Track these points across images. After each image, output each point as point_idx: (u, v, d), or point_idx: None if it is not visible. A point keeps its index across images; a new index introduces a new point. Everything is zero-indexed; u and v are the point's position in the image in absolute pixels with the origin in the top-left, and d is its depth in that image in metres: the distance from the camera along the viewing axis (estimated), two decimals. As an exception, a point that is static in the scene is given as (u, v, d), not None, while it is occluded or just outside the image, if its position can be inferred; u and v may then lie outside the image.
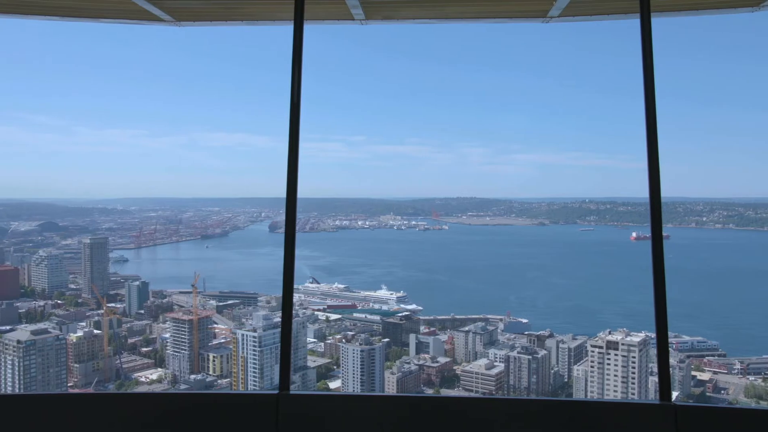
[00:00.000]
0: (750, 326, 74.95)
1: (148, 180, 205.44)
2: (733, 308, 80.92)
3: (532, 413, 4.78)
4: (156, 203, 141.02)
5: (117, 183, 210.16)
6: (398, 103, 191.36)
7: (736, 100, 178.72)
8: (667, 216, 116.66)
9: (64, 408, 4.78)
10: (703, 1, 5.76)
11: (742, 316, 78.16)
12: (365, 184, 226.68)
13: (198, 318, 70.28)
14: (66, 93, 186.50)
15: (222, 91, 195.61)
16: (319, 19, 6.10)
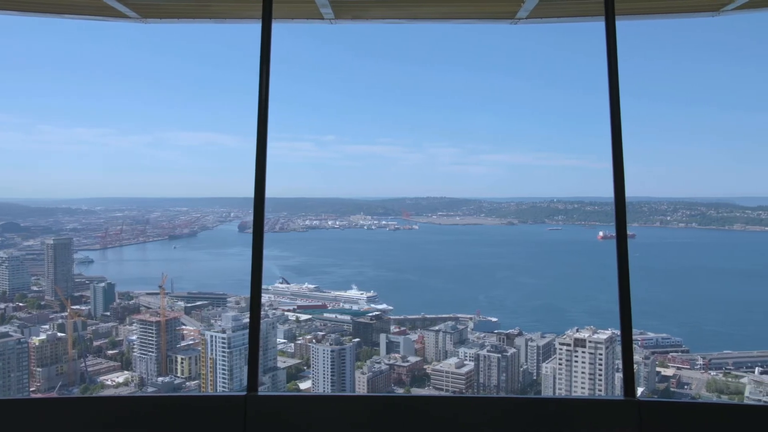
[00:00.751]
0: (712, 323, 76.86)
1: (114, 179, 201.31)
2: (695, 305, 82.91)
3: (501, 411, 4.83)
4: (122, 203, 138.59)
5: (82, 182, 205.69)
6: (369, 103, 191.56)
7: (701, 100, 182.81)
8: (632, 215, 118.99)
9: (26, 413, 4.67)
10: (665, 6, 5.90)
11: (704, 313, 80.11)
12: (335, 184, 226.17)
13: (166, 319, 69.26)
14: (29, 91, 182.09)
15: (190, 89, 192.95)
16: (287, 17, 6.06)
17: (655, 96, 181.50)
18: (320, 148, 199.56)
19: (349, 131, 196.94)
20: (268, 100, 4.99)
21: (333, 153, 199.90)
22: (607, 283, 73.70)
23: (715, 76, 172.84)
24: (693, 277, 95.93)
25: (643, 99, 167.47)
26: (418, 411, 4.84)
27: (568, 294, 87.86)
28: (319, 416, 4.77)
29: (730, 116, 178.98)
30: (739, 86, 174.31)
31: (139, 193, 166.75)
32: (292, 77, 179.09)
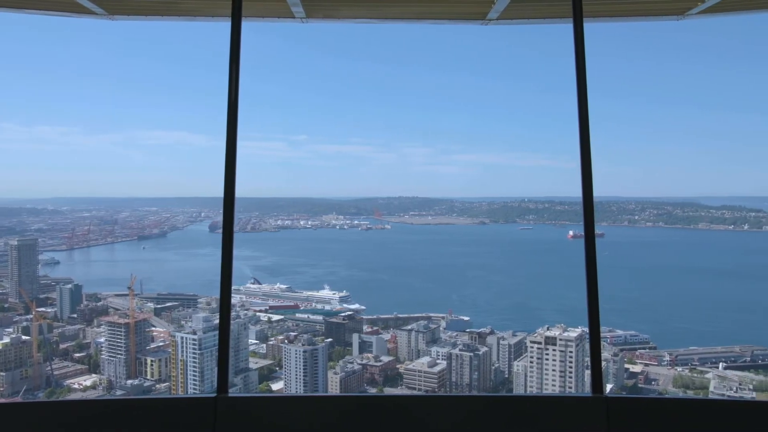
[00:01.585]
0: (678, 320, 78.45)
1: (81, 179, 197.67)
2: (662, 303, 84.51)
3: (473, 410, 4.87)
4: (89, 203, 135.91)
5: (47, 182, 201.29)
6: (340, 103, 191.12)
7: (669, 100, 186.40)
8: (601, 215, 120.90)
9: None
10: (631, 9, 6.03)
11: (670, 311, 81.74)
12: (307, 184, 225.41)
13: (135, 321, 68.20)
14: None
15: (159, 88, 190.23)
16: (258, 16, 6.02)
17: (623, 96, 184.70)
18: (292, 148, 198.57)
19: (320, 131, 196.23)
20: (237, 100, 4.96)
21: (305, 153, 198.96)
22: (575, 281, 74.82)
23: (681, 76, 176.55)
24: (660, 275, 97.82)
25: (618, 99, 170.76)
26: (391, 411, 4.86)
27: (539, 292, 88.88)
28: (290, 417, 4.75)
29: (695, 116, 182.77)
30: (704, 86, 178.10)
31: (107, 192, 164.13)
32: (263, 76, 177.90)
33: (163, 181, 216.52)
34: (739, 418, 4.86)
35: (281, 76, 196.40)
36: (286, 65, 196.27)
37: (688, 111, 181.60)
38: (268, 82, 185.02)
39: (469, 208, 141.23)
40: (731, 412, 4.94)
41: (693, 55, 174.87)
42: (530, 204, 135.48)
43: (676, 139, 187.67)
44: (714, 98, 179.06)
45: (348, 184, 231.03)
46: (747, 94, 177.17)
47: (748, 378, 62.53)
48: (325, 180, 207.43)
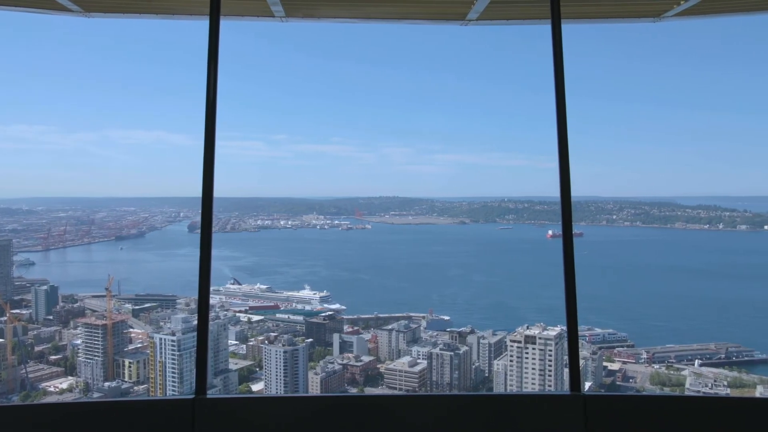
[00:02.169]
0: (655, 318, 79.51)
1: (57, 178, 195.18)
2: (640, 301, 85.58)
3: (454, 409, 4.88)
4: (66, 203, 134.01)
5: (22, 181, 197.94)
6: (320, 102, 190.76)
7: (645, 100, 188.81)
8: (580, 214, 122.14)
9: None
10: (608, 11, 6.09)
11: (647, 309, 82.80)
12: (287, 184, 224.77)
13: (112, 322, 67.36)
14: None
15: (137, 87, 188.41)
16: (237, 14, 5.98)
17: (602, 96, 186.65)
18: (271, 148, 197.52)
19: (300, 130, 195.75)
20: (216, 99, 4.91)
21: (285, 152, 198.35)
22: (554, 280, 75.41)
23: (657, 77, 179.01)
24: (638, 273, 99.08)
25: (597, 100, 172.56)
26: (372, 411, 4.85)
27: (519, 292, 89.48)
28: (270, 418, 4.72)
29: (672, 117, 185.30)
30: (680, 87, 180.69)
31: (84, 192, 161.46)
32: (242, 76, 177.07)
33: (142, 181, 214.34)
34: (715, 414, 4.93)
35: (261, 75, 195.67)
36: (266, 65, 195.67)
37: (665, 111, 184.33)
38: (248, 81, 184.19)
39: (450, 208, 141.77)
40: (707, 409, 5.01)
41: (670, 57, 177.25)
42: (510, 204, 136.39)
43: (653, 140, 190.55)
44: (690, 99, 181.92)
45: (328, 184, 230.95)
46: (723, 95, 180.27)
47: (722, 375, 63.61)
48: (305, 180, 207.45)
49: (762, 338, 70.87)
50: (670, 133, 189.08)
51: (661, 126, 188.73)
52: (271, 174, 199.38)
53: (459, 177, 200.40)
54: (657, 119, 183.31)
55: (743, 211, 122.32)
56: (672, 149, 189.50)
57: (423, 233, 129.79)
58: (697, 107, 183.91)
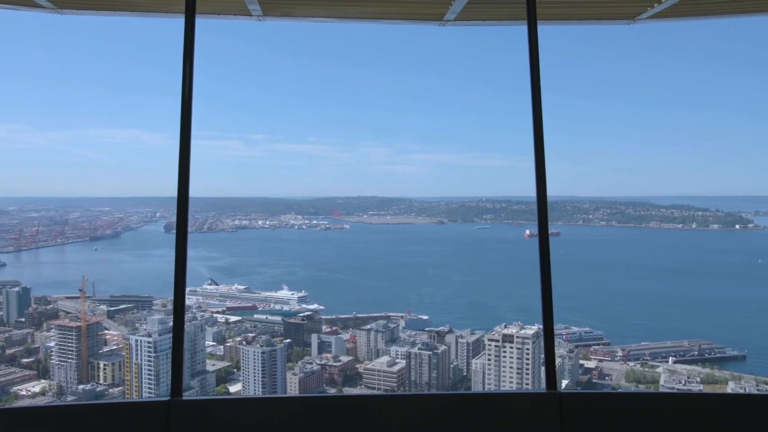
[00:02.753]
0: (630, 316, 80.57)
1: (29, 178, 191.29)
2: (615, 300, 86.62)
3: (432, 408, 4.91)
4: (38, 203, 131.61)
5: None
6: (298, 102, 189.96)
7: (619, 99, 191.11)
8: (557, 214, 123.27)
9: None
10: (584, 13, 6.18)
11: (622, 307, 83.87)
12: (265, 183, 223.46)
13: (87, 324, 66.32)
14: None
15: (111, 85, 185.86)
16: (213, 13, 5.93)
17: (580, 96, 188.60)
18: (249, 147, 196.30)
19: (278, 130, 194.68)
20: (191, 98, 4.87)
21: (262, 152, 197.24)
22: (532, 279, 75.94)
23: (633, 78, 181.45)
24: (613, 272, 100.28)
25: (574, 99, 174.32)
26: (350, 410, 4.85)
27: (497, 291, 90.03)
28: (248, 419, 4.69)
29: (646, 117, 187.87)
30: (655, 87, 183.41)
31: (57, 192, 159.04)
32: (220, 76, 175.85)
33: (117, 181, 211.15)
34: (687, 410, 5.02)
35: (238, 75, 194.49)
36: (243, 64, 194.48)
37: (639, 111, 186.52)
38: (225, 81, 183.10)
39: (428, 208, 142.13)
40: (680, 405, 5.10)
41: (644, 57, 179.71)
42: (488, 204, 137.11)
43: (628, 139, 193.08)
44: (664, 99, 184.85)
45: (306, 184, 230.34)
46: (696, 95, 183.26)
47: (695, 371, 64.69)
48: (283, 179, 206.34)
49: (733, 335, 72.25)
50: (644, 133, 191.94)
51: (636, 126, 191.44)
52: (248, 174, 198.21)
53: (437, 177, 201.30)
54: (632, 119, 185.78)
55: (715, 211, 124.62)
56: (646, 149, 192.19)
57: (401, 233, 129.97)
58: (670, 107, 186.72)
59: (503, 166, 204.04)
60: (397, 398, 5.68)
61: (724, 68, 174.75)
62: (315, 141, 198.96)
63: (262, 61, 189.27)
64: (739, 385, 58.23)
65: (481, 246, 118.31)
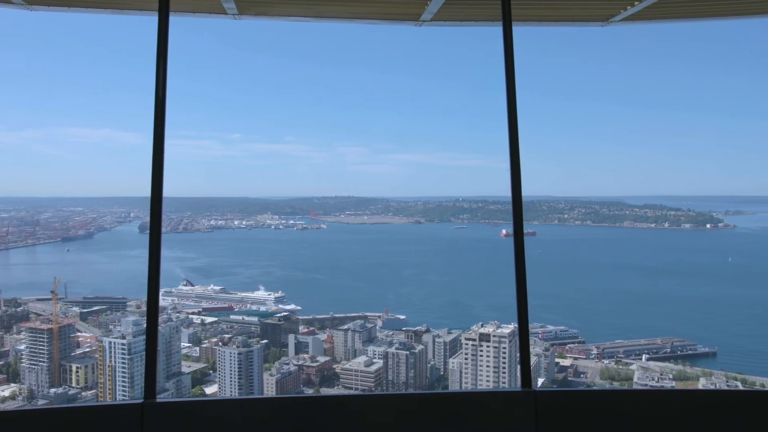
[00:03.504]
0: (604, 314, 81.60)
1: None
2: (590, 298, 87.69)
3: (409, 407, 4.92)
4: (8, 203, 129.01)
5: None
6: (275, 102, 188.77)
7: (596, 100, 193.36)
8: (533, 214, 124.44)
9: None
10: (558, 15, 6.25)
11: (597, 305, 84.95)
12: (242, 183, 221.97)
13: (59, 326, 65.17)
14: None
15: (84, 83, 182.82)
16: (188, 11, 5.87)
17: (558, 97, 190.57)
18: (225, 147, 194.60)
19: (254, 129, 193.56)
20: (165, 97, 4.82)
21: (239, 152, 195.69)
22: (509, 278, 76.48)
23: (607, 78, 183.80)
24: (588, 271, 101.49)
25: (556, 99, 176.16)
26: (327, 410, 4.85)
27: (474, 290, 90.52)
28: (224, 421, 4.66)
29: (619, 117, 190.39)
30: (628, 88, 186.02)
31: (28, 191, 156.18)
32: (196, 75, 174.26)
33: (89, 181, 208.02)
34: (660, 406, 5.10)
35: (214, 74, 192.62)
36: (219, 64, 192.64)
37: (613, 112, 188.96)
38: (201, 80, 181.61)
39: (405, 208, 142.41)
40: (652, 401, 5.18)
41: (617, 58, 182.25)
42: (464, 203, 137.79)
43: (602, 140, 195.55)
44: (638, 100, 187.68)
45: (283, 184, 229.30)
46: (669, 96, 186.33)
47: (668, 368, 65.76)
48: (259, 179, 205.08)
49: (704, 332, 73.61)
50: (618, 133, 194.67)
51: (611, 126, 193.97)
52: (225, 173, 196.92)
53: (414, 177, 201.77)
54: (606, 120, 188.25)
55: (687, 211, 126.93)
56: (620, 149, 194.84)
57: (378, 233, 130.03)
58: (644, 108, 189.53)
59: (480, 166, 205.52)
60: (374, 398, 5.68)
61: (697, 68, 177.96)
62: (292, 141, 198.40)
63: (238, 61, 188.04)
64: (710, 381, 59.30)
65: (457, 246, 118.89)
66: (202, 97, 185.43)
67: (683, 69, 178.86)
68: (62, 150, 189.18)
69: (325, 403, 5.03)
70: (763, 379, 60.75)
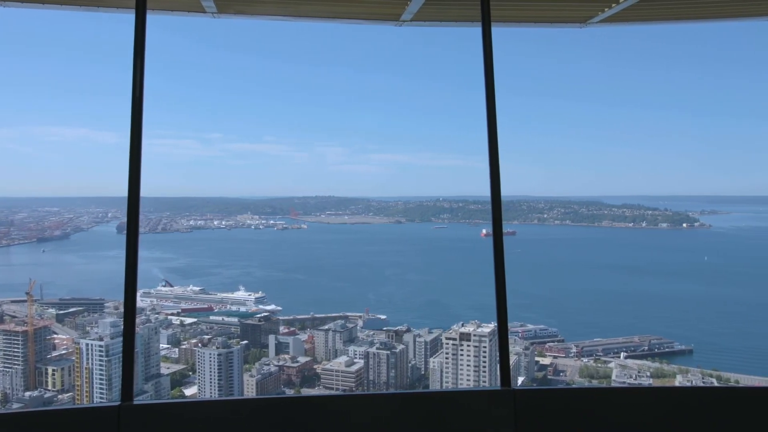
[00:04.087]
0: (583, 313, 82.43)
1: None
2: (569, 297, 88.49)
3: (390, 407, 4.93)
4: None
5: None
6: (254, 101, 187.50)
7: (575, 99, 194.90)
8: (513, 213, 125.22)
9: None
10: (537, 16, 6.32)
11: (577, 304, 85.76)
12: (221, 183, 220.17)
13: (34, 329, 64.21)
14: None
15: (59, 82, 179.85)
16: (166, 9, 5.82)
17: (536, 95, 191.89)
18: (205, 146, 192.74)
19: (234, 129, 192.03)
20: (143, 96, 4.77)
21: (218, 151, 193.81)
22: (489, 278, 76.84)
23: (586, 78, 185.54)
24: (568, 271, 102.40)
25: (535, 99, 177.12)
26: (308, 411, 4.84)
27: (454, 290, 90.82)
28: (203, 422, 4.62)
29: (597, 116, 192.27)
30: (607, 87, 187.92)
31: (2, 191, 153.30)
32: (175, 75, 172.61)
33: (66, 180, 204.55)
34: (637, 403, 5.17)
35: (193, 74, 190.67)
36: (198, 63, 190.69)
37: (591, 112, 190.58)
38: (180, 80, 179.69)
39: (385, 208, 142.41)
40: (630, 399, 5.25)
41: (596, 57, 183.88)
42: (445, 203, 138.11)
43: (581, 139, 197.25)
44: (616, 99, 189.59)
45: (263, 183, 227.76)
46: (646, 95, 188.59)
47: (645, 366, 66.64)
48: (239, 179, 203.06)
49: (681, 330, 74.69)
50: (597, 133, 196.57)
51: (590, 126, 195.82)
52: (204, 173, 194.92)
53: (395, 177, 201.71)
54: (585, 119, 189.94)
55: (664, 210, 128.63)
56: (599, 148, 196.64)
57: (359, 233, 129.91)
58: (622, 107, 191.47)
59: (460, 166, 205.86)
60: (355, 398, 5.68)
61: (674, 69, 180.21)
62: (272, 140, 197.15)
63: (217, 60, 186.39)
64: (687, 378, 60.23)
65: (438, 245, 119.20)
66: (180, 97, 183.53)
67: (661, 69, 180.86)
68: (38, 149, 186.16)
69: (306, 403, 5.02)
70: (738, 375, 61.78)
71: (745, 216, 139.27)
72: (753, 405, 5.24)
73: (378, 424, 4.79)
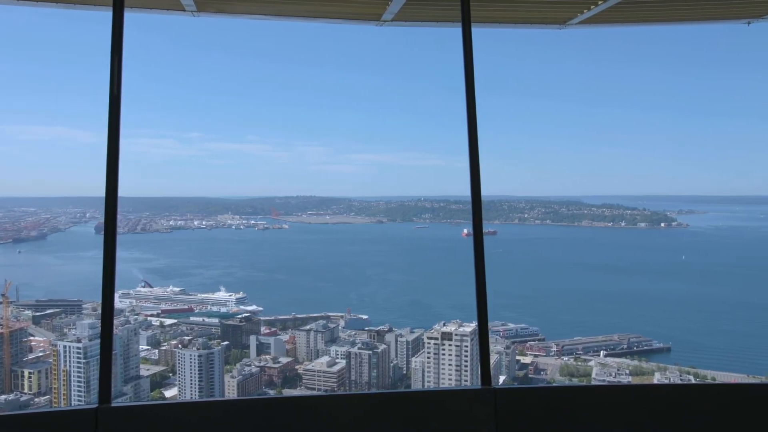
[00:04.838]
0: (564, 312, 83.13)
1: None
2: (550, 296, 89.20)
3: (371, 407, 4.93)
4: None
5: None
6: (235, 101, 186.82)
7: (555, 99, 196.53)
8: (494, 213, 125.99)
9: None
10: (517, 17, 6.36)
11: (557, 303, 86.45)
12: (201, 183, 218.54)
13: (10, 331, 63.16)
14: None
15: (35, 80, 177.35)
16: (144, 6, 5.76)
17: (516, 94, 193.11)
18: (184, 146, 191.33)
19: (215, 128, 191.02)
20: (120, 94, 4.72)
21: (198, 151, 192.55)
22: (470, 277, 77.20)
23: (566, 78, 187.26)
24: (548, 270, 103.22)
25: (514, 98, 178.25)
26: (290, 411, 4.82)
27: (436, 289, 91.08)
28: (183, 424, 4.58)
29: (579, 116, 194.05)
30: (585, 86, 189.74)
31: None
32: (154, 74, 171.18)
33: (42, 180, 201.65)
34: (617, 401, 5.23)
35: (172, 73, 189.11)
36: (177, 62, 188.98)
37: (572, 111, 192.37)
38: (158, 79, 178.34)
39: (367, 207, 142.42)
40: (610, 396, 5.31)
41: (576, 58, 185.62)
42: (426, 203, 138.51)
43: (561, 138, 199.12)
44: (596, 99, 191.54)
45: (244, 183, 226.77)
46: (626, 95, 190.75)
47: (625, 364, 67.37)
48: (219, 179, 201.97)
49: (659, 328, 75.64)
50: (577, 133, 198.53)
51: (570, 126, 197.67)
52: (184, 173, 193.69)
53: (376, 176, 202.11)
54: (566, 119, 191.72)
55: (643, 210, 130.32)
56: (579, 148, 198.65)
57: (340, 233, 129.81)
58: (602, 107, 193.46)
59: (441, 166, 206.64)
60: (337, 398, 5.68)
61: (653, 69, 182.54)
62: (253, 140, 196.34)
63: (197, 59, 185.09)
64: (665, 376, 61.00)
65: (419, 245, 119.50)
66: (159, 96, 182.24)
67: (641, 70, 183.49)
68: (13, 148, 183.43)
69: (288, 404, 5.01)
70: (714, 372, 62.76)
71: (721, 215, 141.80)
72: (728, 401, 5.34)
73: (360, 424, 4.79)
